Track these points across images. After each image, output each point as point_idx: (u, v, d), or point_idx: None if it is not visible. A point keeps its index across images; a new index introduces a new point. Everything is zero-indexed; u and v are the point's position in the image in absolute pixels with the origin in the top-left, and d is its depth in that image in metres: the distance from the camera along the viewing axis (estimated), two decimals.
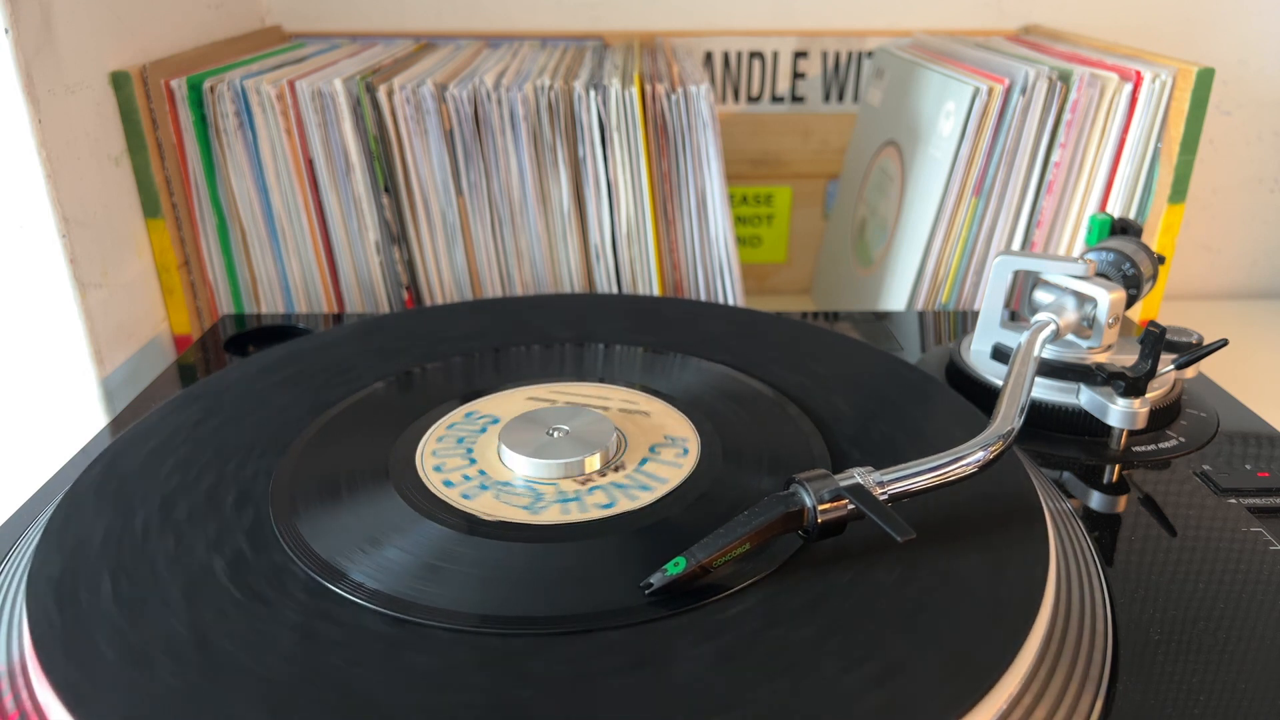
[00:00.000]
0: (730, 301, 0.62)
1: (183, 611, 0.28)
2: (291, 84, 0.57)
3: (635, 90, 0.57)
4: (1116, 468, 0.41)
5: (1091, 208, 0.60)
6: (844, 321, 0.58)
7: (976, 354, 0.48)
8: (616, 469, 0.36)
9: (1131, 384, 0.41)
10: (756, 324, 0.50)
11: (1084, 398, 0.42)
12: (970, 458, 0.32)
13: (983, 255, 0.62)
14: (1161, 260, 0.47)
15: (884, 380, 0.43)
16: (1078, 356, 0.44)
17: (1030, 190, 0.60)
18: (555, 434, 0.37)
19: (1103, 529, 0.36)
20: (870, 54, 0.80)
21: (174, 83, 0.56)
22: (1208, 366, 0.48)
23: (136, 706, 0.25)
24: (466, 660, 0.26)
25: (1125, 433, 0.42)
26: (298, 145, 0.58)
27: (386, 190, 0.60)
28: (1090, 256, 0.46)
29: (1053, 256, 0.45)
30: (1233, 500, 0.38)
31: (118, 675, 0.26)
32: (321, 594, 0.29)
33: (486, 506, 0.33)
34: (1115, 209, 0.60)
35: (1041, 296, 0.45)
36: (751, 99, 0.81)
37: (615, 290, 0.62)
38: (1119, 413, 0.41)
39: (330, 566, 0.30)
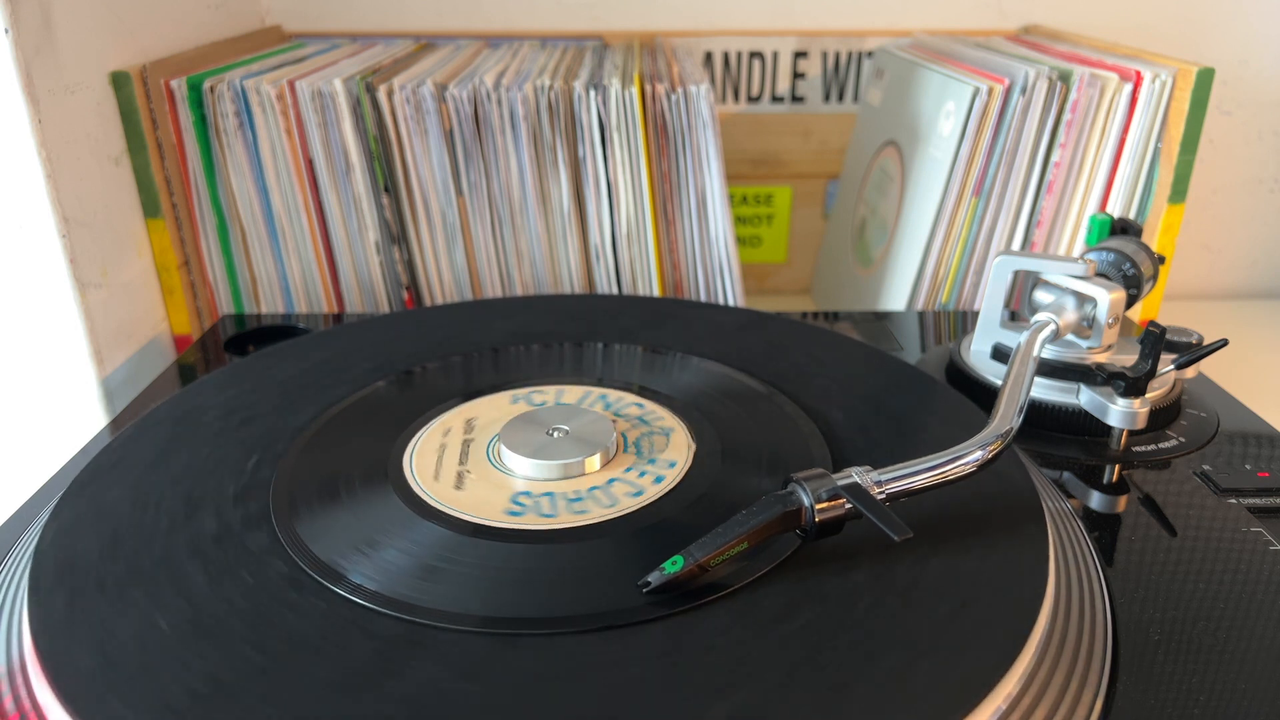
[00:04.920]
0: (730, 301, 0.62)
1: (182, 612, 0.28)
2: (291, 84, 0.57)
3: (635, 90, 0.57)
4: (1116, 468, 0.41)
5: (1091, 208, 0.60)
6: (844, 321, 0.58)
7: (976, 354, 0.48)
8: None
9: (1131, 384, 0.41)
10: (756, 324, 0.50)
11: (1084, 398, 0.42)
12: (968, 457, 0.32)
13: (983, 255, 0.62)
14: (1161, 260, 0.47)
15: (884, 380, 0.43)
16: (1078, 356, 0.44)
17: (1030, 190, 0.60)
18: (555, 434, 0.37)
19: (1103, 529, 0.36)
20: (870, 54, 0.80)
21: (174, 83, 0.56)
22: (1208, 366, 0.47)
23: (136, 707, 0.25)
24: (466, 661, 0.26)
25: (1125, 433, 0.42)
26: (298, 145, 0.58)
27: (386, 190, 0.60)
28: (1090, 256, 0.46)
29: (1053, 256, 0.45)
30: (1233, 500, 0.38)
31: (118, 675, 0.26)
32: (321, 595, 0.29)
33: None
34: (1115, 209, 0.60)
35: (1041, 296, 0.45)
36: (751, 99, 0.81)
37: (615, 290, 0.62)
38: (1119, 413, 0.41)
39: (329, 568, 0.30)
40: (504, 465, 0.36)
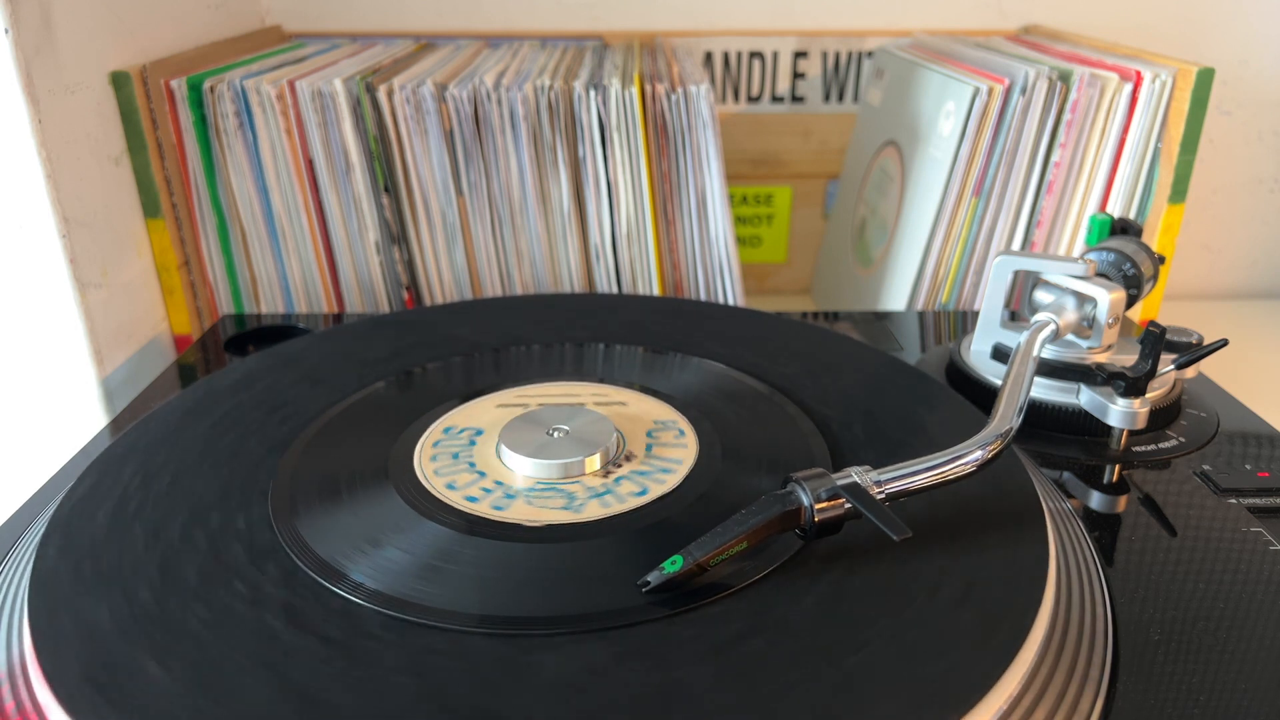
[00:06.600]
0: (730, 301, 0.62)
1: (183, 612, 0.28)
2: (291, 84, 0.57)
3: (635, 90, 0.57)
4: (1116, 468, 0.41)
5: (1091, 208, 0.60)
6: (844, 321, 0.58)
7: (976, 354, 0.48)
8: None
9: (1131, 384, 0.41)
10: (756, 324, 0.50)
11: (1084, 398, 0.42)
12: (968, 457, 0.32)
13: (983, 255, 0.62)
14: (1161, 260, 0.47)
15: (884, 380, 0.43)
16: (1078, 356, 0.44)
17: (1030, 190, 0.60)
18: (555, 434, 0.37)
19: (1103, 529, 0.36)
20: (870, 54, 0.80)
21: (174, 83, 0.56)
22: (1208, 366, 0.47)
23: (136, 707, 0.25)
24: (465, 661, 0.26)
25: (1125, 433, 0.42)
26: (298, 145, 0.58)
27: (386, 190, 0.60)
28: (1090, 256, 0.46)
29: (1053, 256, 0.45)
30: (1233, 500, 0.38)
31: (118, 676, 0.26)
32: (321, 594, 0.29)
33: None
34: (1115, 209, 0.60)
35: (1041, 296, 0.45)
36: (751, 99, 0.81)
37: (615, 290, 0.62)
38: (1119, 413, 0.41)
39: (330, 567, 0.30)
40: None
